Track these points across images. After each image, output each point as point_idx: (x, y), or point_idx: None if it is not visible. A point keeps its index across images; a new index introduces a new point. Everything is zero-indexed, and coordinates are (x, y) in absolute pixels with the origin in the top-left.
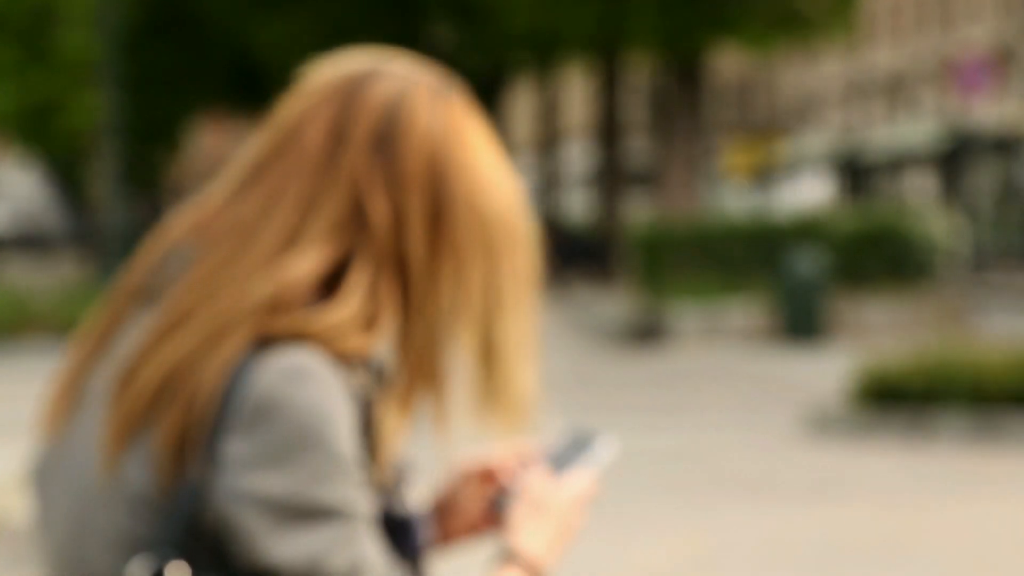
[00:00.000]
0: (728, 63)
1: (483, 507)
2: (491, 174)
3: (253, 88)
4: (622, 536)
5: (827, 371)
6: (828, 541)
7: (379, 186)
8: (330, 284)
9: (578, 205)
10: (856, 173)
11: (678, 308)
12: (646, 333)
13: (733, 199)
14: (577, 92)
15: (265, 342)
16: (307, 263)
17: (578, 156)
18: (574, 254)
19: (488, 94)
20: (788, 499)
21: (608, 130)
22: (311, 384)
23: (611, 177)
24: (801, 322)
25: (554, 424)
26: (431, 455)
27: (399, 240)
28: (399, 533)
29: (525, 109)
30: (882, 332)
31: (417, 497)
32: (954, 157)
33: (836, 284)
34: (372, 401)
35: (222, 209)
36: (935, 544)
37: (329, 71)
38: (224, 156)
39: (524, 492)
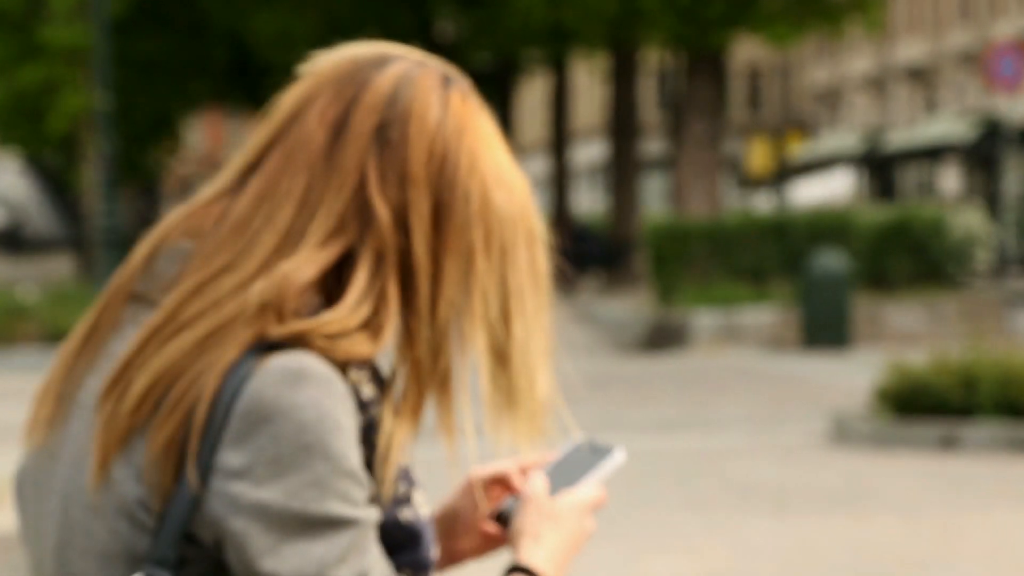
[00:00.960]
0: (749, 57)
1: (489, 520)
2: (500, 168)
3: (252, 84)
4: (636, 548)
5: (851, 377)
6: (853, 553)
7: (383, 180)
8: (332, 284)
9: (591, 203)
10: (880, 169)
11: (696, 311)
12: (663, 336)
13: (753, 196)
14: (590, 88)
15: (265, 346)
16: (308, 265)
17: (590, 153)
18: (588, 253)
19: (498, 90)
20: (811, 509)
21: (622, 127)
22: (311, 386)
23: (625, 175)
24: (824, 325)
25: (569, 434)
26: (435, 465)
27: (404, 237)
28: (408, 544)
29: (535, 105)
30: (909, 336)
31: (426, 508)
32: (982, 151)
33: (861, 285)
34: (376, 406)
35: (219, 205)
36: (963, 556)
37: (332, 57)
38: (221, 153)
39: (530, 502)
